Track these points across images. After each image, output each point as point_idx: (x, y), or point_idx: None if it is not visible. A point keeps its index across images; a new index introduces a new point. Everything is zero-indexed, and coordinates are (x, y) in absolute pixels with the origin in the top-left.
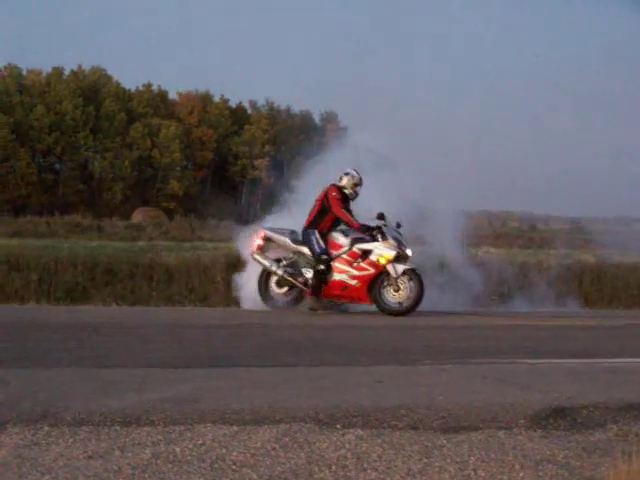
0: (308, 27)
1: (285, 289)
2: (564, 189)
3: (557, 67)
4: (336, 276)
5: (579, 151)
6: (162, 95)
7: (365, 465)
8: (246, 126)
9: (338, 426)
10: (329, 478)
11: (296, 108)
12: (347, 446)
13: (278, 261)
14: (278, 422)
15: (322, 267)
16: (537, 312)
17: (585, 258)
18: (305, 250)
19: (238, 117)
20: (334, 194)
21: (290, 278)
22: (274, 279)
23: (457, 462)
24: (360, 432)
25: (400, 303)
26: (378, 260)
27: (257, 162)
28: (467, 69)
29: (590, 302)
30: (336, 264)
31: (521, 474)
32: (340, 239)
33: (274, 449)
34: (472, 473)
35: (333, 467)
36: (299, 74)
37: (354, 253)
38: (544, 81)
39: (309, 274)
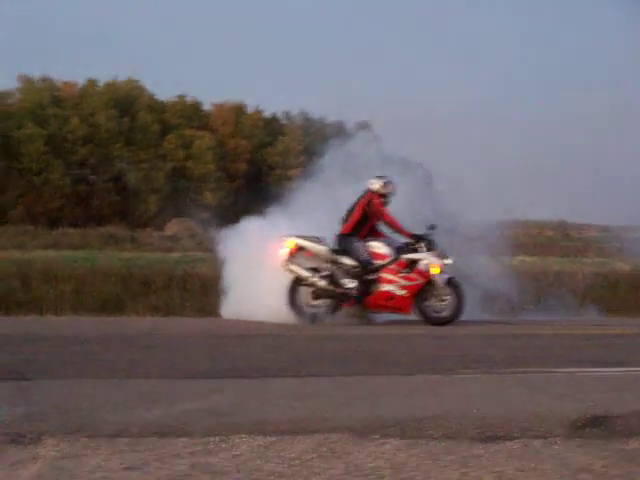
0: (342, 38)
1: (320, 300)
2: (597, 197)
3: (587, 74)
4: (383, 287)
5: (610, 159)
6: (196, 106)
7: (402, 475)
8: (280, 137)
9: (375, 436)
10: None
11: (330, 118)
12: (384, 456)
13: (315, 271)
14: (314, 432)
15: (372, 276)
16: (572, 320)
17: (620, 266)
18: (344, 260)
19: (272, 128)
20: (379, 201)
21: (333, 289)
22: (309, 290)
23: (494, 472)
24: (397, 442)
25: (444, 312)
26: (430, 269)
27: (291, 172)
28: (494, 78)
29: (626, 310)
30: (383, 274)
31: None
32: (382, 249)
33: (311, 459)
34: None
35: (370, 477)
36: (333, 84)
37: (402, 263)
38: (572, 90)
39: (352, 284)
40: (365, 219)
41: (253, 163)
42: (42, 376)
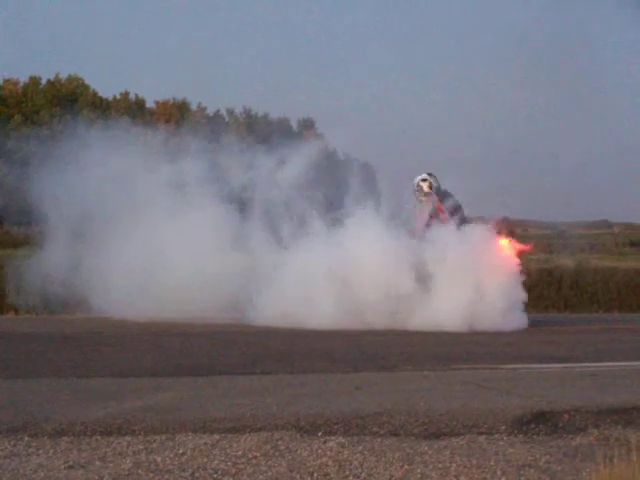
0: (286, 32)
1: None
2: (541, 194)
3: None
4: None
5: (556, 155)
6: (139, 103)
7: (347, 472)
8: (223, 134)
9: (319, 433)
10: None
11: (274, 115)
12: (328, 453)
13: None
14: (259, 430)
15: None
16: None
17: (564, 263)
18: None
19: (216, 125)
20: None
21: None
22: None
23: (439, 468)
24: (341, 439)
25: None
26: None
27: None
28: (453, 71)
29: (570, 306)
30: None
31: (503, 479)
32: None
33: (255, 457)
34: (454, 479)
35: (315, 474)
36: (276, 80)
37: None
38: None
39: None
40: None
41: None
42: None
